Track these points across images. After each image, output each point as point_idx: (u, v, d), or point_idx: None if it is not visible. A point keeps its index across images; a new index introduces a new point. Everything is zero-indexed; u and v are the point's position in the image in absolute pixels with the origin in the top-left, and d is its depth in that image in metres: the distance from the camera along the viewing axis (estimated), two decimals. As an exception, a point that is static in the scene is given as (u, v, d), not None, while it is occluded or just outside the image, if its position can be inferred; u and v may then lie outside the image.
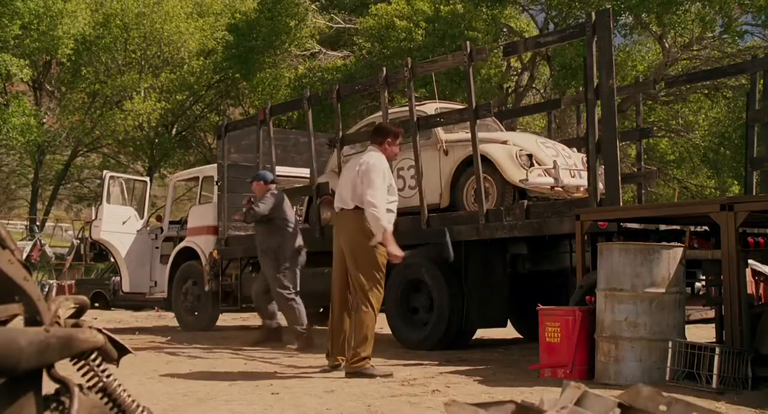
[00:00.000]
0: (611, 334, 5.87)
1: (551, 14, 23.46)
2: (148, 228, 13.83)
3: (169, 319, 13.81)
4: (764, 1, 18.63)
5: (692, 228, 7.29)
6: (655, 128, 20.56)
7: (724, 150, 22.54)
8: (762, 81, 8.38)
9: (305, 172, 10.98)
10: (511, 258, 8.56)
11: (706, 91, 23.25)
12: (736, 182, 22.53)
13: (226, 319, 13.13)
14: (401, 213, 9.08)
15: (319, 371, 6.87)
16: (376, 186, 6.37)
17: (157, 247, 13.50)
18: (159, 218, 14.03)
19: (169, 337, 10.81)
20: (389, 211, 6.47)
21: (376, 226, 6.36)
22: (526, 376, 6.28)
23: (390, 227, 6.44)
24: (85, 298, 2.14)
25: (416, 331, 8.86)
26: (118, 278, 15.02)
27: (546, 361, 6.25)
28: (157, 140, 29.79)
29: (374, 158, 6.58)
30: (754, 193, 8.19)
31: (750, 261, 8.24)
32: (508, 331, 9.88)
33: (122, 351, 2.09)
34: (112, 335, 2.06)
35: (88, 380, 2.01)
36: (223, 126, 12.09)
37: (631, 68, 23.00)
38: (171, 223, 13.52)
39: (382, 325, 11.55)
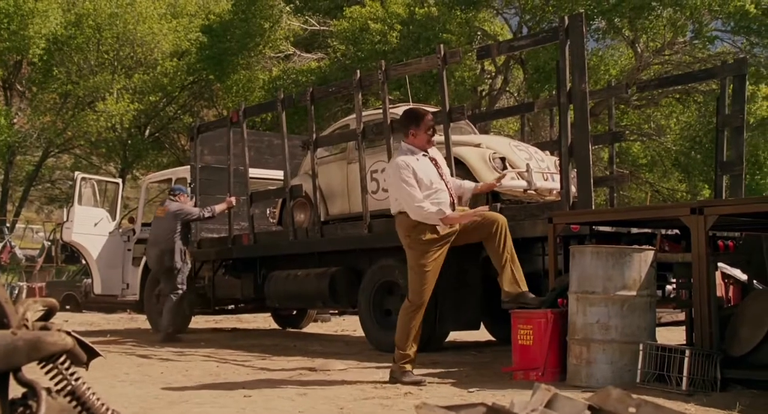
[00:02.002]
0: (583, 336, 5.90)
1: (525, 18, 23.57)
2: (120, 230, 13.74)
3: (141, 321, 13.72)
4: (733, 8, 18.83)
5: (663, 231, 7.35)
6: (627, 132, 20.69)
7: (695, 154, 22.76)
8: (731, 86, 8.47)
9: (279, 174, 10.96)
10: (484, 260, 8.56)
11: (678, 96, 23.45)
12: (706, 186, 22.75)
13: (198, 322, 13.06)
14: (375, 216, 9.11)
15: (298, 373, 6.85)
16: (403, 189, 6.08)
17: (129, 249, 13.42)
18: (131, 220, 13.93)
19: (140, 340, 10.74)
20: (433, 200, 6.11)
21: (434, 220, 6.10)
22: (499, 378, 6.30)
23: (446, 210, 6.12)
24: (53, 301, 2.12)
25: (389, 334, 8.81)
26: (89, 280, 14.89)
27: (518, 364, 6.27)
28: (129, 141, 29.58)
29: (395, 160, 6.26)
30: (723, 197, 8.28)
31: (720, 264, 8.32)
32: (481, 334, 9.91)
33: (92, 354, 2.08)
34: (82, 338, 2.04)
35: (57, 384, 2.00)
36: (196, 127, 12.05)
37: (604, 72, 23.14)
38: (143, 225, 13.45)
39: (355, 327, 11.58)
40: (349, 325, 13.40)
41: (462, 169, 8.37)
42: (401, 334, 6.26)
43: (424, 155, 6.24)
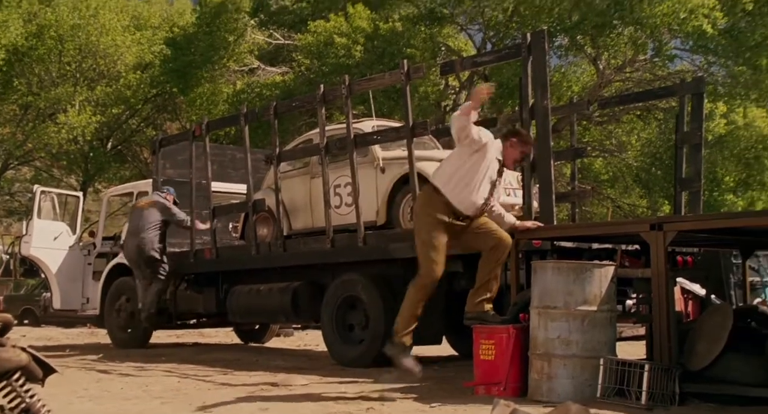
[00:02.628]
0: (544, 351, 5.93)
1: (489, 34, 23.76)
2: (80, 244, 13.58)
3: (102, 335, 13.57)
4: (691, 28, 19.12)
5: (624, 247, 7.43)
6: (589, 148, 20.96)
7: (656, 170, 23.04)
8: (690, 104, 8.59)
9: (242, 188, 10.91)
10: (447, 275, 8.57)
11: (639, 113, 23.74)
12: (667, 201, 23.01)
13: (160, 336, 12.93)
14: (338, 230, 9.10)
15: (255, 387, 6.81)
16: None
17: (89, 264, 13.26)
18: (92, 234, 13.77)
19: (101, 355, 10.62)
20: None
21: (462, 118, 6.14)
22: (461, 393, 6.31)
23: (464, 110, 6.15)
24: (8, 316, 2.10)
25: (352, 349, 8.85)
26: (48, 294, 14.70)
27: (480, 379, 6.28)
28: (91, 154, 29.27)
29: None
30: (683, 213, 8.38)
31: (679, 279, 8.43)
32: (444, 349, 9.92)
33: (48, 370, 2.05)
34: (37, 354, 2.02)
35: (11, 401, 1.97)
36: (158, 141, 11.95)
37: (567, 89, 23.37)
38: (104, 238, 13.31)
39: (318, 341, 11.54)
40: (312, 340, 13.35)
41: (425, 184, 8.38)
42: (407, 311, 6.45)
43: (499, 161, 6.40)
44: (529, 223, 6.82)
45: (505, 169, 6.54)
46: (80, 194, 15.43)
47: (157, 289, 11.04)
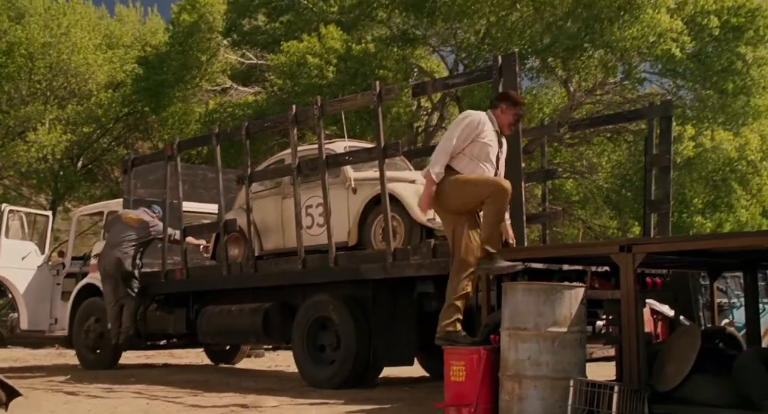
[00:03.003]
0: (515, 372, 5.94)
1: (461, 56, 23.91)
2: (49, 263, 13.46)
3: (70, 356, 13.41)
4: (660, 52, 19.37)
5: (594, 268, 7.47)
6: (560, 169, 21.07)
7: (626, 192, 23.20)
8: (659, 127, 8.68)
9: (213, 208, 10.88)
10: (419, 296, 8.61)
11: (609, 135, 23.94)
12: (637, 223, 23.17)
13: (129, 357, 12.81)
14: (309, 251, 9.09)
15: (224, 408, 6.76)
16: (446, 140, 6.48)
17: (58, 283, 13.15)
18: (61, 253, 13.66)
19: (68, 376, 10.50)
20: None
21: (429, 168, 6.47)
22: (432, 414, 6.30)
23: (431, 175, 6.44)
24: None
25: (323, 370, 8.82)
26: (15, 315, 14.53)
27: (451, 400, 6.27)
28: (61, 173, 29.02)
29: (472, 114, 6.59)
30: (652, 235, 8.45)
31: (648, 300, 8.49)
32: (415, 370, 9.91)
33: (12, 393, 2.03)
34: (1, 376, 2.00)
35: (-26, 425, 1.95)
36: (130, 160, 11.91)
37: (538, 111, 23.53)
38: (74, 258, 13.20)
39: (289, 362, 11.48)
40: (283, 361, 13.29)
41: (396, 205, 8.41)
42: (454, 293, 6.45)
43: (496, 132, 6.56)
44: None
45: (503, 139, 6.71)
46: (49, 213, 15.31)
47: (133, 310, 11.01)
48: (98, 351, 11.86)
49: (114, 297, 11.02)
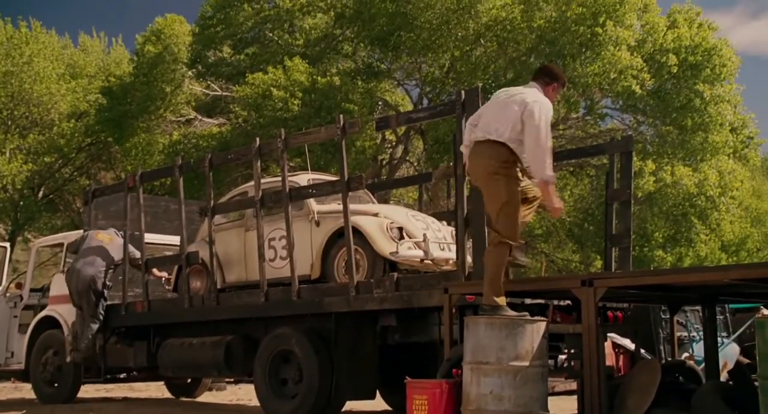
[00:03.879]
0: (477, 407, 5.94)
1: (425, 89, 24.10)
2: (6, 295, 13.25)
3: (27, 390, 13.17)
4: (621, 88, 19.69)
5: (556, 302, 7.52)
6: (523, 203, 21.19)
7: (588, 226, 23.41)
8: (620, 162, 8.79)
9: (175, 239, 10.80)
10: (381, 329, 8.59)
11: (571, 169, 24.19)
12: (599, 256, 23.36)
13: (88, 391, 12.62)
14: (272, 284, 9.05)
15: None
16: (543, 131, 6.23)
17: (15, 316, 12.93)
18: (19, 285, 13.43)
19: (24, 411, 10.31)
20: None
21: (546, 176, 6.31)
22: (393, 449, 6.27)
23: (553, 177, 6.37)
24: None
25: (285, 403, 8.74)
26: (-30, 348, 14.25)
27: (413, 434, 6.25)
28: (21, 203, 28.65)
29: (540, 97, 6.40)
30: (613, 269, 8.52)
31: (610, 334, 8.55)
32: (377, 403, 9.86)
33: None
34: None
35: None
36: (90, 191, 11.80)
37: (501, 145, 23.71)
38: (32, 290, 13.00)
39: (251, 396, 11.37)
40: (245, 394, 13.16)
41: (360, 238, 8.42)
42: (495, 271, 6.32)
43: None
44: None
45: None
46: (7, 244, 15.12)
47: (96, 330, 10.89)
48: (56, 385, 11.66)
49: (81, 315, 10.90)
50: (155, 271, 10.94)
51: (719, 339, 8.75)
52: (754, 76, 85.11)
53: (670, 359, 8.80)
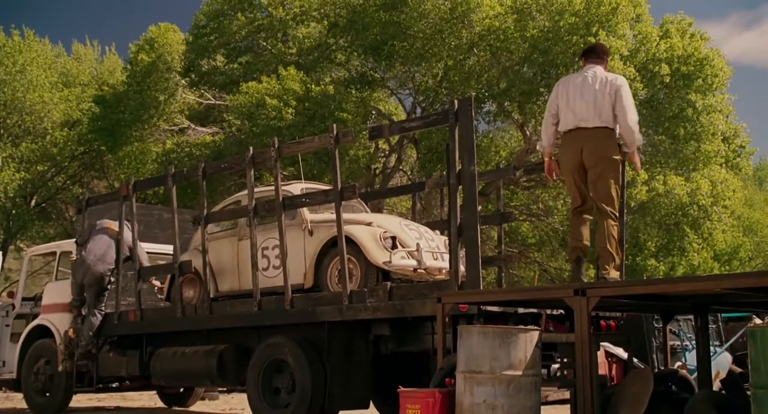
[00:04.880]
0: (470, 416, 5.93)
1: (419, 99, 24.14)
2: (-2, 304, 13.22)
3: (18, 400, 13.12)
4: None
5: (549, 311, 7.53)
6: (516, 212, 21.24)
7: (581, 234, 23.42)
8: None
9: (168, 248, 10.79)
10: (374, 339, 8.59)
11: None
12: (592, 266, 23.38)
13: (80, 400, 12.58)
14: (265, 293, 9.04)
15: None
16: (633, 108, 6.97)
17: (7, 325, 12.89)
18: (11, 294, 13.40)
19: (15, 420, 10.28)
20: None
21: (635, 146, 7.07)
22: (386, 459, 6.26)
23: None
24: None
25: (278, 413, 8.73)
26: (-38, 357, 14.20)
27: (406, 444, 6.25)
28: (14, 211, 28.60)
29: (616, 77, 7.05)
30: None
31: (603, 343, 8.56)
32: (371, 412, 9.84)
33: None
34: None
35: None
36: (84, 200, 11.79)
37: (495, 154, 23.79)
38: (24, 299, 12.97)
39: (243, 405, 11.35)
40: (238, 404, 13.13)
41: (353, 247, 8.43)
42: (612, 242, 6.77)
43: None
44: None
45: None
46: None
47: (96, 325, 10.89)
48: (48, 394, 11.61)
49: (93, 306, 10.93)
50: (154, 281, 10.98)
51: (712, 348, 8.77)
52: (747, 85, 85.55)
53: (662, 368, 8.81)
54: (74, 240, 11.76)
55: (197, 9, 25.89)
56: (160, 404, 13.25)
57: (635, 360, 8.70)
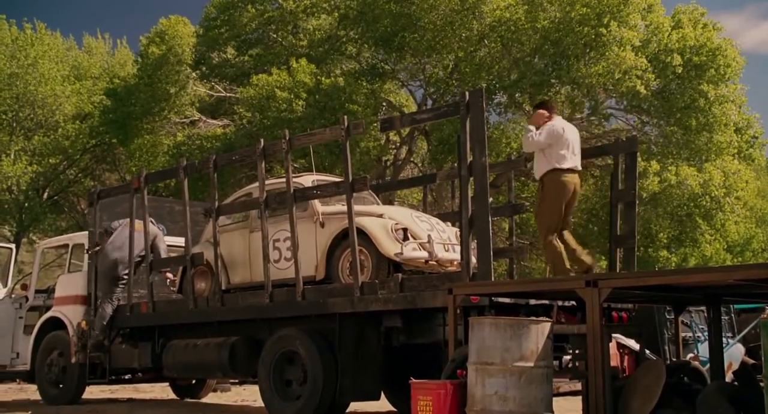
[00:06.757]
0: (482, 407, 5.94)
1: (429, 90, 24.10)
2: (12, 296, 13.27)
3: (32, 391, 13.19)
4: (625, 88, 19.66)
5: (560, 303, 7.51)
6: (527, 204, 21.19)
7: (592, 226, 23.37)
8: (624, 163, 8.79)
9: (180, 241, 10.81)
10: (386, 331, 8.59)
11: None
12: (603, 257, 23.31)
13: (93, 392, 12.63)
14: (276, 285, 9.05)
15: None
16: None
17: (21, 317, 12.95)
18: (24, 287, 13.45)
19: (29, 412, 10.32)
20: None
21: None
22: (398, 450, 6.27)
23: None
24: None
25: (290, 404, 8.75)
26: (-25, 349, 14.27)
27: (418, 435, 6.25)
28: (26, 204, 28.73)
29: None
30: (618, 269, 8.52)
31: (615, 335, 8.53)
32: (382, 404, 9.86)
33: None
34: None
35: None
36: (96, 193, 11.82)
37: (506, 145, 23.70)
38: (37, 291, 13.02)
39: (255, 397, 11.38)
40: (250, 395, 13.16)
41: (364, 239, 8.42)
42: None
43: None
44: None
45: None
46: (12, 246, 15.14)
47: (108, 316, 10.96)
48: (61, 385, 11.68)
49: (98, 294, 11.05)
50: (169, 275, 11.05)
51: (724, 339, 8.73)
52: (765, 76, 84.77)
53: (674, 360, 8.80)
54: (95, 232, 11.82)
55: (208, 1, 25.90)
56: (173, 396, 13.30)
57: (647, 351, 8.66)
